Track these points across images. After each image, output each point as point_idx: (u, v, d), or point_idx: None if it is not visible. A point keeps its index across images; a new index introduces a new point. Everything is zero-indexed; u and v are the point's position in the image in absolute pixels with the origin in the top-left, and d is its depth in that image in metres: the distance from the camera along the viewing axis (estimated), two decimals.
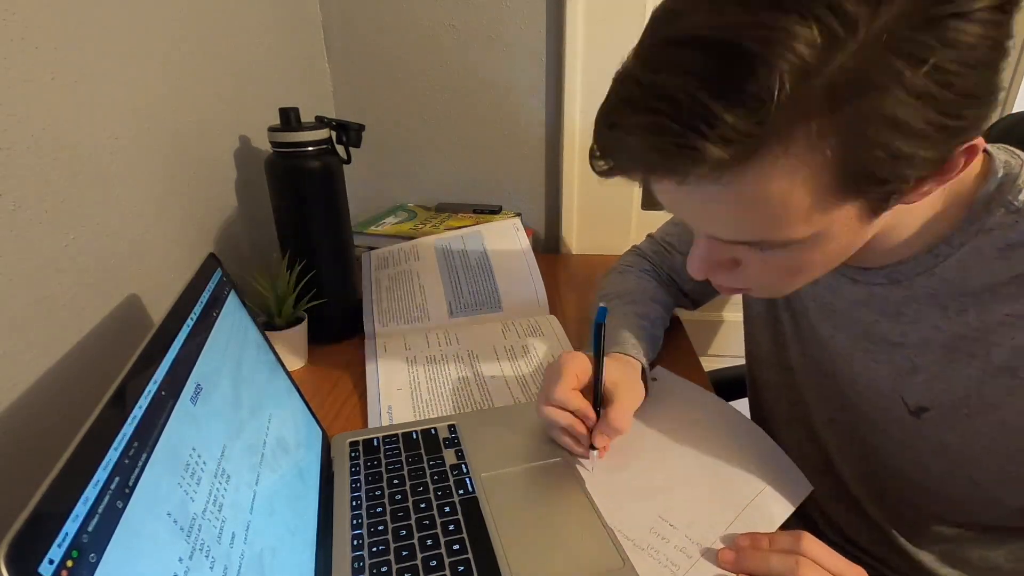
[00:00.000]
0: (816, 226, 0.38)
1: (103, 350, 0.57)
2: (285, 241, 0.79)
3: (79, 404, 0.54)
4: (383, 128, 1.17)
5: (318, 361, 0.79)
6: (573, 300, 0.97)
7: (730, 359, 1.30)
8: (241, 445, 0.42)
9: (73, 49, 0.54)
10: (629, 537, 0.50)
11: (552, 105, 1.13)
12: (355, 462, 0.58)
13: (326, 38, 1.12)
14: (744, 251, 0.44)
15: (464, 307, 0.87)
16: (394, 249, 0.95)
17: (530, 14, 1.07)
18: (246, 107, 0.86)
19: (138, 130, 0.63)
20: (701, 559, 0.48)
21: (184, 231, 0.72)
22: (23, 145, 0.49)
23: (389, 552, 0.48)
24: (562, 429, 0.57)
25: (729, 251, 0.45)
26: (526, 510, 0.52)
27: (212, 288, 0.48)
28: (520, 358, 0.78)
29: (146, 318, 0.64)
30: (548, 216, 1.23)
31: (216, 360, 0.44)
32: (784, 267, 0.44)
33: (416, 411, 0.68)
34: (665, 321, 0.75)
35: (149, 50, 0.65)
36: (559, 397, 0.56)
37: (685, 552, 0.49)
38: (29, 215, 0.49)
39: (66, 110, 0.53)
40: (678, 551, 0.49)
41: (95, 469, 0.28)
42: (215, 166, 0.79)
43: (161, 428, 0.34)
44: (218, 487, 0.37)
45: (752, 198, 0.36)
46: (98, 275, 0.57)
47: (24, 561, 0.23)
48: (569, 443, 0.58)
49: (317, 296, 0.78)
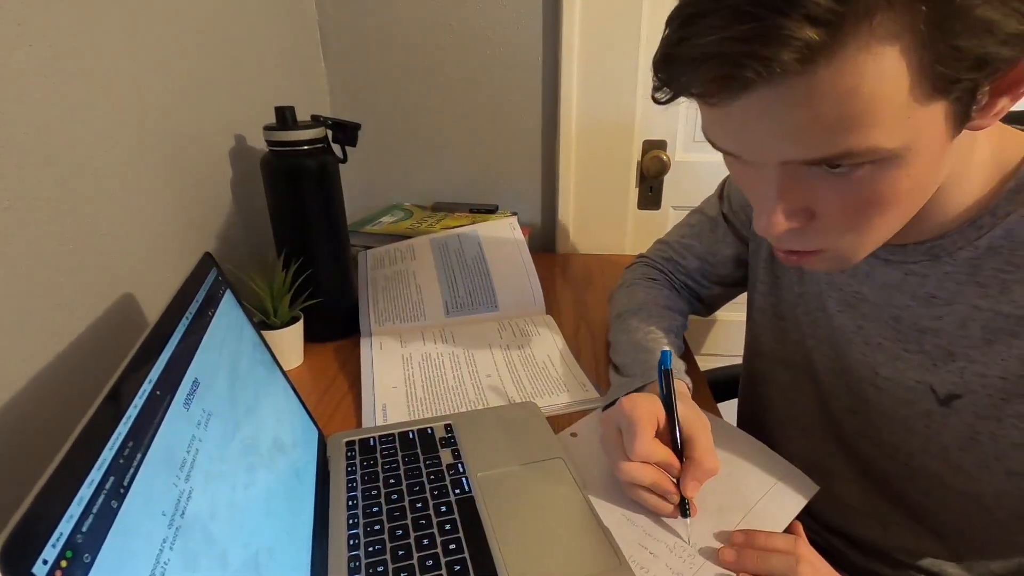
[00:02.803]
0: (904, 133, 0.36)
1: (98, 349, 0.57)
2: (281, 240, 0.79)
3: (74, 403, 0.54)
4: (379, 127, 1.17)
5: (314, 360, 0.79)
6: (569, 300, 0.97)
7: (725, 358, 1.30)
8: (237, 444, 0.42)
9: (69, 48, 0.54)
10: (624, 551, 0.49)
11: (549, 104, 1.13)
12: (351, 461, 0.58)
13: (322, 37, 1.12)
14: (822, 187, 0.41)
15: (460, 306, 0.87)
16: (390, 248, 0.95)
17: (527, 13, 1.07)
18: (242, 106, 0.86)
19: (133, 129, 0.63)
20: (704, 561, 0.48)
21: (179, 230, 0.72)
22: (17, 143, 0.49)
23: (385, 551, 0.48)
24: (647, 488, 0.51)
25: (802, 193, 0.42)
26: (522, 509, 0.52)
27: (208, 287, 0.48)
28: (516, 357, 0.78)
29: (141, 317, 0.64)
30: (544, 215, 1.23)
31: (212, 359, 0.44)
32: (864, 200, 0.40)
33: (411, 410, 0.68)
34: (684, 328, 0.74)
35: (145, 49, 0.65)
36: (644, 451, 0.50)
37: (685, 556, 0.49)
38: (23, 214, 0.49)
39: (61, 109, 0.53)
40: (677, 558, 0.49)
41: (90, 469, 0.28)
42: (211, 165, 0.79)
43: (156, 427, 0.34)
44: (214, 487, 0.37)
45: (837, 93, 0.34)
46: (93, 274, 0.57)
47: (18, 561, 0.23)
48: (656, 503, 0.51)
49: (313, 295, 0.78)
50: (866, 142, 0.36)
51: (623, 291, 0.79)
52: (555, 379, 0.73)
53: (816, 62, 0.33)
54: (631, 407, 0.52)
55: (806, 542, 0.48)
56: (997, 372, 0.47)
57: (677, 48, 0.37)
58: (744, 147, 0.41)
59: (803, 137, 0.37)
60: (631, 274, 0.81)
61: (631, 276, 0.81)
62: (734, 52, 0.34)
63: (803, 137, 0.37)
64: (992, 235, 0.46)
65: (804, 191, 0.42)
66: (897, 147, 0.37)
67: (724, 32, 0.34)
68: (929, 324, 0.51)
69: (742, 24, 0.33)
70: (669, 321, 0.71)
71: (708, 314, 0.81)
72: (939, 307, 0.50)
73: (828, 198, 0.41)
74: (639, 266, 0.82)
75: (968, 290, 0.48)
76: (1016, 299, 0.45)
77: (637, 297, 0.75)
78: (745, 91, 0.36)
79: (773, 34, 0.32)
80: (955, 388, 0.50)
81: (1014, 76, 0.36)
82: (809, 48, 0.33)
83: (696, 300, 0.78)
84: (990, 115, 0.38)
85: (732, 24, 0.33)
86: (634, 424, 0.51)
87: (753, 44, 0.33)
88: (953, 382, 0.50)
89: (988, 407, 0.48)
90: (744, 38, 0.33)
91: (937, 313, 0.50)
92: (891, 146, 0.36)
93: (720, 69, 0.35)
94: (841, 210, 0.42)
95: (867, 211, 0.41)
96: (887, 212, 0.41)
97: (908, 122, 0.36)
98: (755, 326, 0.70)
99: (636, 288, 0.77)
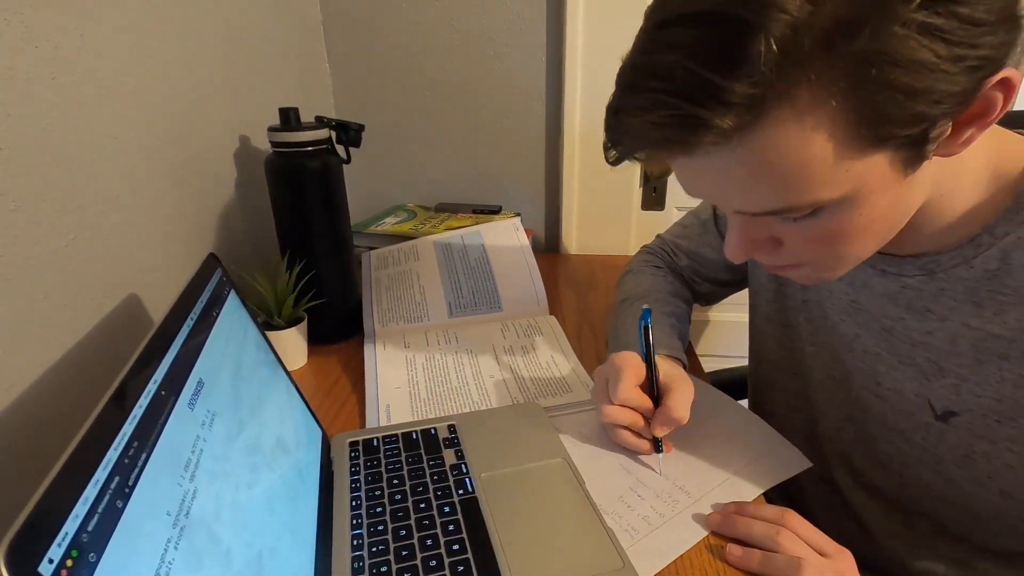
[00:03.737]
0: (844, 184, 0.37)
1: (103, 350, 0.57)
2: (285, 241, 0.79)
3: (79, 404, 0.54)
4: (383, 128, 1.17)
5: (318, 361, 0.79)
6: (573, 300, 0.97)
7: (727, 360, 1.30)
8: (241, 445, 0.42)
9: (74, 49, 0.54)
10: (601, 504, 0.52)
11: (552, 105, 1.13)
12: (355, 462, 0.58)
13: (326, 38, 1.12)
14: (778, 225, 0.42)
15: (464, 307, 0.87)
16: (394, 249, 0.95)
17: (531, 14, 1.07)
18: (246, 107, 0.86)
19: (138, 130, 0.63)
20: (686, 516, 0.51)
21: (184, 231, 0.72)
22: (23, 145, 0.49)
23: (389, 552, 0.48)
24: (626, 428, 0.57)
25: (764, 227, 0.43)
26: (526, 510, 0.52)
27: (212, 288, 0.48)
28: (519, 358, 0.78)
29: (146, 318, 0.64)
30: (548, 216, 1.23)
31: (216, 360, 0.44)
32: (825, 236, 0.41)
33: (415, 411, 0.68)
34: (689, 315, 0.75)
35: (150, 49, 0.65)
36: (623, 395, 0.56)
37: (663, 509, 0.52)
38: (29, 215, 0.49)
39: (66, 110, 0.53)
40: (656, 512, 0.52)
41: (95, 469, 0.28)
42: (215, 166, 0.79)
43: (161, 428, 0.34)
44: (218, 487, 0.37)
45: (767, 161, 0.36)
46: (98, 275, 0.57)
47: (24, 560, 0.23)
48: (633, 441, 0.58)
49: (317, 296, 0.78)
50: (806, 198, 0.37)
51: (630, 277, 0.80)
52: (558, 380, 0.73)
53: (739, 139, 0.35)
54: (620, 360, 0.58)
55: (795, 514, 0.48)
56: (991, 393, 0.47)
57: (616, 117, 0.39)
58: (701, 194, 0.43)
59: (745, 195, 0.39)
60: (636, 263, 0.83)
61: (637, 264, 0.83)
62: (659, 137, 0.36)
63: (745, 195, 0.39)
64: (988, 255, 0.45)
65: (766, 228, 0.44)
66: (840, 196, 0.38)
67: (648, 116, 0.35)
68: (920, 338, 0.50)
69: (665, 110, 0.34)
70: (673, 307, 0.73)
71: (707, 305, 0.84)
72: (932, 322, 0.49)
73: (789, 234, 0.43)
74: (643, 254, 0.84)
75: (963, 308, 0.47)
76: (1008, 321, 0.45)
77: (644, 283, 0.76)
78: (679, 159, 0.39)
79: (692, 123, 0.34)
80: (951, 405, 0.50)
81: (975, 111, 0.36)
82: (727, 134, 0.34)
83: (694, 293, 0.80)
84: (957, 144, 0.37)
85: (656, 109, 0.35)
86: (619, 373, 0.57)
87: (674, 130, 0.35)
88: (949, 399, 0.50)
89: (983, 427, 0.48)
90: (667, 124, 0.35)
91: (928, 328, 0.50)
92: (833, 197, 0.37)
93: (652, 145, 0.38)
94: (806, 243, 0.43)
95: (832, 243, 0.42)
96: (854, 243, 0.42)
97: (846, 174, 0.36)
98: (759, 334, 0.70)
99: (643, 275, 0.78)
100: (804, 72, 0.32)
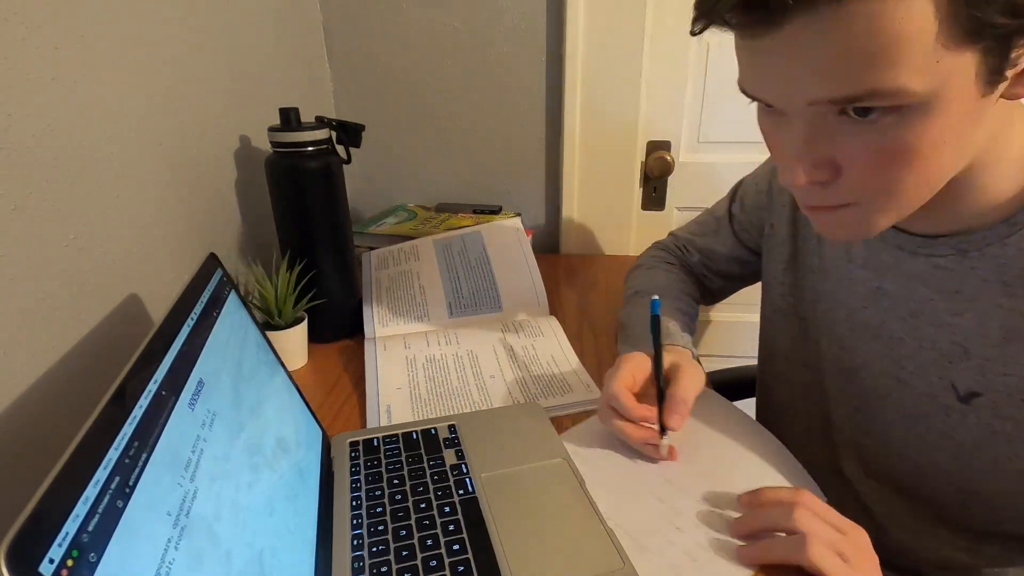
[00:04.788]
0: (932, 78, 0.36)
1: (103, 350, 0.57)
2: (285, 241, 0.79)
3: (79, 403, 0.54)
4: (383, 128, 1.17)
5: (318, 361, 0.79)
6: (573, 300, 0.97)
7: (727, 360, 1.30)
8: (241, 445, 0.42)
9: (74, 49, 0.54)
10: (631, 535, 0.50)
11: (553, 105, 1.13)
12: (355, 462, 0.58)
13: (327, 38, 1.12)
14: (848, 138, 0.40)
15: (464, 307, 0.87)
16: (394, 249, 0.95)
17: (531, 15, 1.07)
18: (246, 107, 0.86)
19: (139, 130, 0.63)
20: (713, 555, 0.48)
21: (184, 231, 0.72)
22: (23, 145, 0.49)
23: (389, 552, 0.48)
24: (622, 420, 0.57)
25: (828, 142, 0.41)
26: (526, 510, 0.52)
27: (212, 288, 0.48)
28: (520, 358, 0.78)
29: (146, 318, 0.64)
30: (548, 216, 1.23)
31: (216, 360, 0.44)
32: (894, 151, 0.39)
33: (415, 411, 0.68)
34: (697, 312, 0.76)
35: (150, 50, 0.65)
36: (609, 393, 0.57)
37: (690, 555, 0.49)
38: (29, 215, 0.49)
39: (67, 110, 0.53)
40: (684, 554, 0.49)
41: (95, 468, 0.28)
42: (215, 166, 0.79)
43: (161, 428, 0.34)
44: (218, 487, 0.37)
45: (872, 24, 0.34)
46: (98, 275, 0.57)
47: (24, 560, 0.23)
48: (629, 431, 0.57)
49: (317, 296, 0.78)
50: (893, 82, 0.36)
51: (642, 272, 0.81)
52: (558, 380, 0.73)
53: (839, 3, 0.34)
54: (623, 360, 0.59)
55: (808, 493, 0.47)
56: (1019, 372, 0.47)
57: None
58: (775, 88, 0.41)
59: (831, 74, 0.37)
60: (649, 258, 0.84)
61: (649, 260, 0.83)
62: None
63: (831, 74, 0.37)
64: (1022, 235, 0.45)
65: (830, 142, 0.41)
66: (924, 91, 0.36)
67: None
68: (949, 319, 0.50)
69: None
70: (684, 303, 0.73)
71: (712, 303, 0.84)
72: (961, 303, 0.49)
73: (854, 150, 0.41)
74: (655, 250, 0.85)
75: (993, 288, 0.47)
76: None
77: (658, 279, 0.77)
78: (779, 22, 0.37)
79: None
80: (976, 386, 0.50)
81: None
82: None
83: (703, 289, 0.81)
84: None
85: None
86: (613, 372, 0.58)
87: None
88: (975, 379, 0.50)
89: (1008, 407, 0.48)
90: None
91: (957, 308, 0.50)
92: (918, 89, 0.36)
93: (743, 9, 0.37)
94: (867, 163, 0.41)
95: (894, 165, 0.40)
96: (915, 168, 0.40)
97: (936, 66, 0.35)
98: (771, 327, 0.71)
99: (656, 271, 0.79)
100: None
